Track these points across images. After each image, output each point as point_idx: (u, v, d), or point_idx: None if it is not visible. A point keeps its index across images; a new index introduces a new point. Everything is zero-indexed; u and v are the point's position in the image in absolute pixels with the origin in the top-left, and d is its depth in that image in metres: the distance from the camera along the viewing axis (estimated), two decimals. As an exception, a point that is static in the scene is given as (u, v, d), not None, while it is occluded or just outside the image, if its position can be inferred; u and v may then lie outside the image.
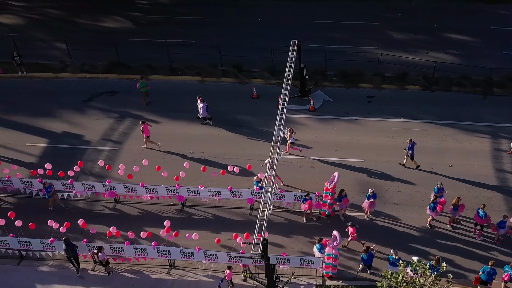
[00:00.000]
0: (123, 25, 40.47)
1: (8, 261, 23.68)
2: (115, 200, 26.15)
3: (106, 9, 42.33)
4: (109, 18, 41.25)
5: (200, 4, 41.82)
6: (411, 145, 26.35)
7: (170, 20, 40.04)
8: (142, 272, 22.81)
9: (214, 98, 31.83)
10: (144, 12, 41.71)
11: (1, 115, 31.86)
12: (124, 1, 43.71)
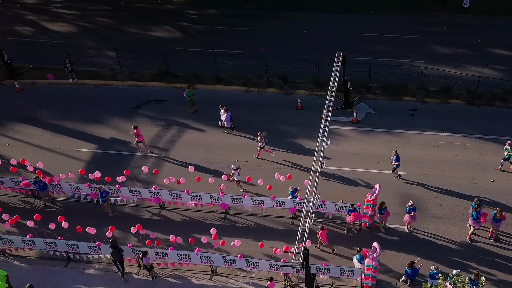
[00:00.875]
0: (172, 34, 41.50)
1: (56, 263, 24.55)
2: (160, 206, 26.89)
3: (156, 18, 43.46)
4: (159, 27, 42.34)
5: (248, 16, 42.56)
6: (396, 156, 26.65)
7: (218, 31, 40.88)
8: (185, 277, 23.37)
9: (259, 108, 32.57)
10: (193, 22, 42.68)
11: (53, 120, 33.09)
12: (174, 11, 44.79)
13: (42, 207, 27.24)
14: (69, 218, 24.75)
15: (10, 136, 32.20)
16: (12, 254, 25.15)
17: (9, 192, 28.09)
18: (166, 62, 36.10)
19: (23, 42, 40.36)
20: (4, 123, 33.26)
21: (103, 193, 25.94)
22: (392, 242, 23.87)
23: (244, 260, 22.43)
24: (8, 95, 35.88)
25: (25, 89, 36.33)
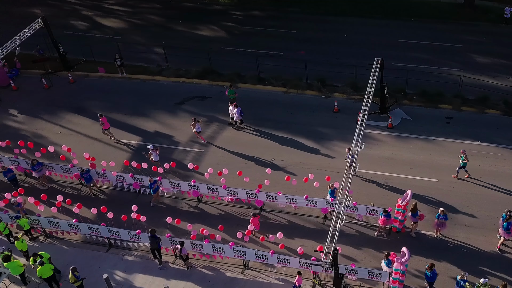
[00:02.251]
0: (217, 34, 41.61)
1: (98, 248, 24.95)
2: (198, 200, 27.04)
3: (203, 18, 43.63)
4: (205, 26, 42.51)
5: (290, 19, 42.31)
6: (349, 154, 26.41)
7: (262, 32, 40.78)
8: (218, 269, 23.44)
9: (297, 109, 32.39)
10: (238, 23, 42.70)
11: (103, 112, 33.39)
12: (220, 11, 44.89)
13: (88, 195, 27.76)
14: (111, 206, 25.22)
15: (62, 125, 32.88)
16: (58, 237, 25.70)
17: (58, 178, 28.75)
18: (211, 61, 36.22)
19: (78, 36, 41.13)
20: (57, 112, 33.99)
21: (153, 183, 26.25)
22: (421, 248, 23.36)
23: (275, 256, 22.35)
24: (62, 86, 36.64)
25: (78, 81, 37.03)
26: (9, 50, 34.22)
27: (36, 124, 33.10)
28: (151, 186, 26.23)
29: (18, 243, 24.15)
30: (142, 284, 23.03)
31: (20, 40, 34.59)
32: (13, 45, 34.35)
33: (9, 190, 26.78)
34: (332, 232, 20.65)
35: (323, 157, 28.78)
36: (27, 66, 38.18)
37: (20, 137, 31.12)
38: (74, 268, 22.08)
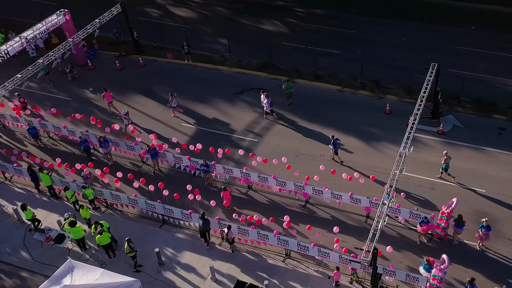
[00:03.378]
0: (279, 29, 40.75)
1: (153, 223, 25.05)
2: (248, 187, 26.59)
3: (267, 13, 42.78)
4: (268, 21, 41.69)
5: (351, 19, 40.80)
6: (333, 141, 26.88)
7: (322, 30, 39.56)
8: (260, 255, 23.01)
9: (349, 108, 31.30)
10: (300, 20, 41.64)
11: (167, 95, 33.42)
12: (284, 7, 43.94)
13: (148, 172, 27.78)
14: (167, 185, 25.13)
15: (130, 105, 33.04)
16: (118, 209, 25.91)
17: (122, 154, 28.93)
18: (271, 55, 35.47)
19: (151, 23, 41.11)
20: (126, 93, 34.20)
21: (204, 165, 26.02)
22: (462, 257, 22.09)
23: (316, 248, 21.70)
24: (133, 68, 36.82)
25: (147, 64, 37.10)
26: (89, 32, 34.66)
27: (105, 103, 33.38)
28: (204, 166, 26.07)
29: (83, 211, 24.50)
30: (189, 261, 22.90)
31: (100, 23, 34.93)
32: (93, 27, 34.75)
33: (80, 161, 27.24)
34: (373, 231, 19.79)
35: (370, 157, 27.66)
36: (103, 48, 38.59)
37: (92, 113, 31.60)
38: (130, 240, 22.16)
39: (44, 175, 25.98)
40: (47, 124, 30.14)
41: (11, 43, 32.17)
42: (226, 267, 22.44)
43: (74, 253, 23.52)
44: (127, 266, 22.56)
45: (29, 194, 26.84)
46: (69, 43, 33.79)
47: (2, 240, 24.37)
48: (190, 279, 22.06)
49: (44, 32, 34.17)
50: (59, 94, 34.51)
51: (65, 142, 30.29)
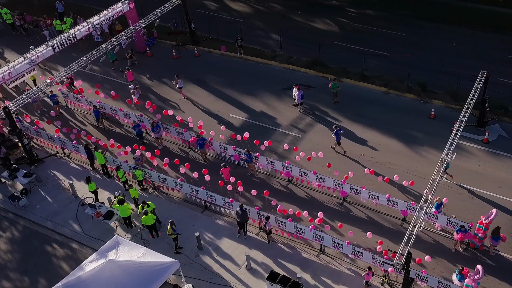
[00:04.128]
0: (330, 28, 39.71)
1: (195, 208, 24.89)
2: (288, 180, 26.05)
3: (319, 11, 41.76)
4: (320, 20, 40.69)
5: (402, 22, 39.26)
6: (336, 131, 26.55)
7: (372, 31, 38.28)
8: (295, 248, 22.50)
9: (394, 110, 30.10)
10: (351, 20, 40.45)
11: (218, 86, 33.36)
12: (336, 7, 42.78)
13: (195, 159, 27.65)
14: (212, 173, 24.94)
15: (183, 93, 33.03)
16: (164, 192, 25.91)
17: (172, 140, 28.90)
18: (321, 53, 34.56)
19: (208, 15, 40.88)
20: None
21: (248, 155, 25.69)
22: (497, 269, 20.85)
23: (350, 247, 21.01)
24: (188, 58, 36.71)
25: (202, 55, 36.91)
26: (150, 21, 34.68)
27: (161, 89, 33.49)
28: (249, 157, 25.71)
29: (132, 191, 24.66)
30: (226, 248, 22.65)
31: (160, 13, 34.87)
32: (154, 17, 34.74)
33: (133, 143, 27.36)
34: (408, 235, 18.95)
35: (411, 161, 26.48)
36: (162, 37, 38.64)
37: (147, 98, 31.72)
38: (173, 222, 22.12)
39: (98, 154, 26.27)
40: (105, 106, 30.47)
41: (79, 28, 32.62)
42: (261, 257, 22.07)
43: (121, 230, 23.72)
44: (168, 247, 22.55)
45: (84, 171, 27.19)
46: (131, 31, 33.95)
47: (57, 212, 24.85)
48: (226, 265, 21.82)
49: (109, 19, 34.47)
50: (118, 78, 34.82)
51: (120, 125, 30.53)
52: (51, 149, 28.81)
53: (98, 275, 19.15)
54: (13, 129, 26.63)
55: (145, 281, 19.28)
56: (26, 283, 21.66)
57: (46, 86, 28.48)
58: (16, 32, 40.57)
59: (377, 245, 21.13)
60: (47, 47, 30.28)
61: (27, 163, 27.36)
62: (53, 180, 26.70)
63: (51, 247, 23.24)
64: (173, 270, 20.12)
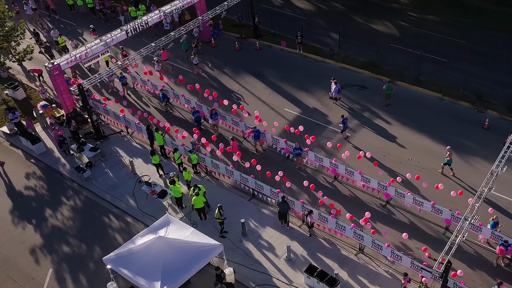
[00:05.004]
0: (389, 30, 38.02)
1: (243, 195, 24.52)
2: (334, 177, 25.22)
3: (380, 13, 40.10)
4: (380, 22, 39.06)
5: (464, 29, 36.90)
6: (343, 120, 26.69)
7: (431, 36, 36.27)
8: (335, 245, 21.74)
9: (447, 117, 28.40)
10: (411, 24, 38.53)
11: (275, 80, 32.71)
12: (398, 10, 40.88)
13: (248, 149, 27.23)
14: (262, 163, 24.52)
15: (240, 84, 32.59)
16: (215, 177, 25.73)
17: (226, 127, 28.59)
18: (377, 54, 33.18)
19: (271, 11, 40.13)
20: (240, 72, 33.75)
21: (298, 149, 25.06)
22: (538, 288, 19.43)
23: (390, 249, 20.06)
24: (249, 50, 36.21)
25: (262, 49, 36.30)
26: (217, 13, 34.43)
27: (222, 78, 33.24)
28: (295, 151, 25.08)
29: (185, 173, 24.63)
30: (268, 237, 22.21)
31: (227, 6, 34.52)
32: (221, 9, 34.45)
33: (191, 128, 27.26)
34: (450, 244, 17.82)
35: (460, 170, 24.82)
36: (227, 29, 38.32)
37: (207, 86, 31.56)
38: (221, 207, 21.91)
39: (158, 135, 26.38)
40: (169, 90, 30.59)
41: (151, 15, 32.79)
42: (301, 250, 21.50)
43: (172, 210, 23.78)
44: (214, 230, 22.39)
45: (144, 150, 27.43)
46: (199, 21, 33.84)
47: (116, 186, 25.22)
48: (267, 254, 21.41)
49: (179, 9, 34.45)
50: (183, 66, 34.87)
51: (181, 109, 30.59)
52: (116, 127, 29.28)
53: (147, 249, 19.28)
54: (85, 106, 27.15)
55: (189, 260, 19.23)
56: (83, 250, 22.16)
57: (117, 68, 28.92)
58: (95, 16, 41.45)
59: (418, 250, 20.09)
60: (121, 31, 30.65)
61: (94, 138, 27.93)
62: (115, 156, 27.12)
63: (108, 218, 23.63)
64: (217, 252, 19.97)
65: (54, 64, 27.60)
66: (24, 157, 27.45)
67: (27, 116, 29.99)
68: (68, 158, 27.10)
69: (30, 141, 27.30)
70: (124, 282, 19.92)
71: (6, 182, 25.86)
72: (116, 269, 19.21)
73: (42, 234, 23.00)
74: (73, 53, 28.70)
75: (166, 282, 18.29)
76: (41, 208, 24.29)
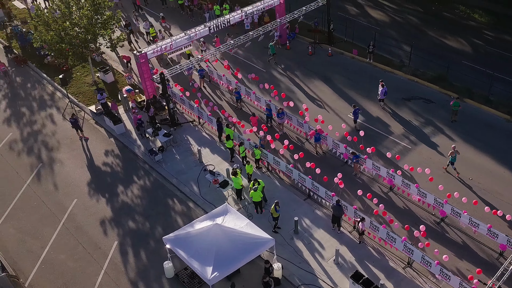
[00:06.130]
0: (463, 47, 35.35)
1: (299, 194, 23.72)
2: (390, 188, 23.80)
3: (455, 29, 37.41)
4: (454, 38, 36.41)
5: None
6: (354, 110, 26.96)
7: (506, 57, 33.27)
8: (384, 255, 20.44)
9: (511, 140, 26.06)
10: (486, 43, 35.64)
11: (343, 86, 31.39)
12: (473, 27, 37.97)
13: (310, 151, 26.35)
14: (321, 166, 23.64)
15: (309, 87, 31.63)
16: (275, 174, 25.05)
17: (290, 127, 27.84)
18: (448, 70, 30.89)
19: (347, 19, 38.58)
20: (309, 76, 32.75)
21: (356, 157, 23.93)
22: None
23: (439, 267, 18.57)
24: (321, 56, 35.04)
25: (334, 55, 35.03)
26: (294, 17, 33.68)
27: (292, 80, 32.43)
28: (355, 157, 23.94)
29: (248, 167, 24.18)
30: (319, 238, 21.32)
31: (305, 11, 33.67)
32: (299, 13, 33.62)
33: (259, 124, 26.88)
34: (503, 270, 16.16)
35: None
36: (302, 33, 37.36)
37: (277, 86, 30.86)
38: (277, 203, 21.27)
39: (228, 130, 26.08)
40: (241, 87, 30.28)
41: (234, 14, 32.58)
42: (350, 255, 20.43)
43: (231, 200, 23.48)
44: (268, 224, 21.79)
45: (211, 140, 27.34)
46: (277, 23, 33.18)
47: (183, 171, 25.25)
48: (315, 255, 20.56)
49: (260, 10, 33.97)
50: (257, 65, 34.40)
51: (251, 106, 30.17)
52: (189, 116, 29.41)
53: (203, 235, 19.08)
54: (164, 93, 27.45)
55: (242, 250, 18.80)
56: (147, 227, 22.39)
57: (197, 61, 28.94)
58: (183, 12, 41.96)
59: (468, 272, 18.45)
60: (204, 27, 30.68)
61: (168, 124, 28.21)
62: (185, 143, 27.19)
63: (172, 201, 23.72)
64: (268, 246, 19.40)
65: (142, 52, 28.11)
66: (106, 136, 28.26)
67: (112, 98, 30.90)
68: (143, 141, 27.53)
69: (113, 121, 28.06)
70: (179, 263, 19.91)
71: (87, 157, 26.74)
72: (173, 249, 19.21)
73: (112, 208, 23.50)
74: (159, 44, 29.12)
75: (218, 268, 18.01)
76: (114, 184, 24.85)
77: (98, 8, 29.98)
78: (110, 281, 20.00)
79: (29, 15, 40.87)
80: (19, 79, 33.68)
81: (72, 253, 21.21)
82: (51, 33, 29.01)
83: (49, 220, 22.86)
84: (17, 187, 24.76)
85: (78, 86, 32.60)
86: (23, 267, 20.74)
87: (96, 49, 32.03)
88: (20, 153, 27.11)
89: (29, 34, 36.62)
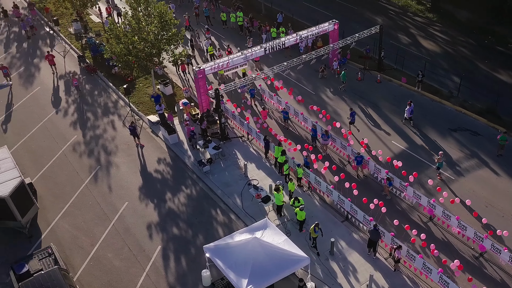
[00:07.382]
0: (514, 81, 33.60)
1: (337, 216, 23.22)
2: (430, 218, 22.78)
3: (509, 64, 35.49)
4: (506, 72, 34.36)
5: None
6: (351, 113, 27.56)
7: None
8: (418, 285, 19.51)
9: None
10: (540, 78, 33.63)
11: (389, 113, 30.43)
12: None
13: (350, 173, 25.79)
14: (361, 189, 23.11)
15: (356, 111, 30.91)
16: (316, 193, 24.61)
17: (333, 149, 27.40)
18: (497, 103, 29.38)
19: (398, 47, 37.60)
20: (357, 100, 32.06)
21: (387, 179, 23.18)
22: None
23: (474, 304, 17.54)
24: (370, 82, 34.30)
25: (383, 82, 34.20)
26: (347, 43, 33.29)
27: (338, 103, 31.97)
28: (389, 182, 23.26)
29: (290, 184, 24.02)
30: (354, 262, 20.71)
31: (358, 37, 33.24)
32: (352, 40, 33.19)
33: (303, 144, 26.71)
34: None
35: None
36: (353, 59, 36.82)
37: (323, 108, 30.41)
38: (318, 224, 20.87)
39: (277, 148, 25.89)
40: (290, 107, 30.13)
41: (289, 37, 32.69)
42: (383, 282, 19.66)
43: (272, 215, 23.30)
44: (305, 243, 21.43)
45: (258, 156, 27.35)
46: (329, 48, 32.95)
47: (228, 184, 25.34)
48: (349, 278, 19.96)
49: (314, 35, 33.91)
50: (307, 87, 34.19)
51: (298, 127, 29.93)
52: (239, 132, 29.62)
53: (242, 247, 18.98)
54: (217, 108, 27.82)
55: (277, 266, 18.52)
56: (189, 235, 22.58)
57: (250, 80, 29.14)
58: (241, 32, 42.54)
59: None
60: (261, 48, 30.97)
61: (218, 138, 28.53)
62: (233, 157, 27.35)
63: (215, 211, 23.83)
64: (303, 264, 19.04)
65: (200, 68, 28.74)
66: (160, 144, 28.97)
67: (169, 110, 31.74)
68: (194, 152, 27.96)
69: (168, 131, 28.73)
70: (217, 273, 19.89)
71: (141, 163, 27.47)
72: (212, 258, 19.24)
73: (159, 213, 23.89)
74: (217, 61, 29.68)
75: (253, 281, 17.83)
76: (163, 191, 25.29)
77: (165, 25, 31.01)
78: (150, 284, 20.29)
79: (103, 29, 42.97)
80: (88, 87, 35.34)
81: (118, 253, 21.74)
82: (121, 46, 30.26)
83: (101, 219, 23.60)
84: (76, 186, 25.80)
85: (140, 96, 33.77)
86: (73, 262, 21.47)
87: (159, 63, 33.07)
88: (82, 154, 28.30)
89: (101, 46, 38.44)
